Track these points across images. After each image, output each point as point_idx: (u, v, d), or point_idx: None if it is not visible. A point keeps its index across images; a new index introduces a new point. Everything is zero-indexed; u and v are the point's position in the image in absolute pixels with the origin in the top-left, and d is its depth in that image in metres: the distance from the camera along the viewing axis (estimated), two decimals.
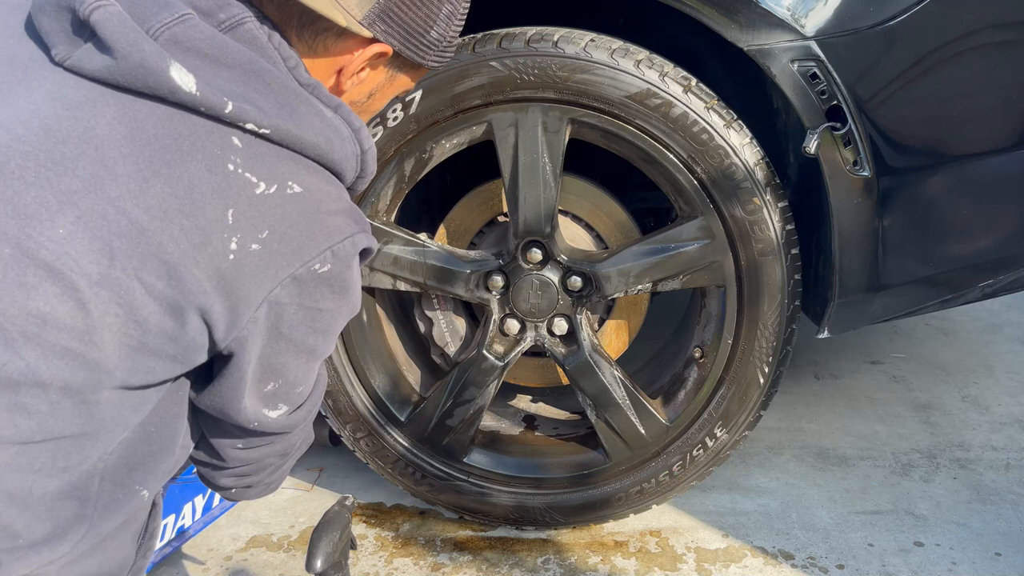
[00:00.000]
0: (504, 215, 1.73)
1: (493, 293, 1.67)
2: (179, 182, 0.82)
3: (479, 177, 1.74)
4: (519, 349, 1.70)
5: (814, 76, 1.43)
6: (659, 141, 1.52)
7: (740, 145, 1.51)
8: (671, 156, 1.53)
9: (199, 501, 1.68)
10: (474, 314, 1.80)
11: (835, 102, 1.43)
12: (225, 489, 1.14)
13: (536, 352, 1.78)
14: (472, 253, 1.67)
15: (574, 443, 1.84)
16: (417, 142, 1.56)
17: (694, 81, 1.49)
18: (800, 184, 1.63)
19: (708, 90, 1.50)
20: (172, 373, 0.91)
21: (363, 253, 0.98)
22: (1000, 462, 2.08)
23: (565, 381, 1.79)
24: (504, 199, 1.64)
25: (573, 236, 1.72)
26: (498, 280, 1.65)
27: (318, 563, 1.26)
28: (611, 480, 1.75)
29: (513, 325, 1.70)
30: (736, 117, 1.51)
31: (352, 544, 1.36)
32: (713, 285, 1.62)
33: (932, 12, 1.40)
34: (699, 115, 1.49)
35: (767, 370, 1.63)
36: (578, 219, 1.75)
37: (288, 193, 0.88)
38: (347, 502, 1.35)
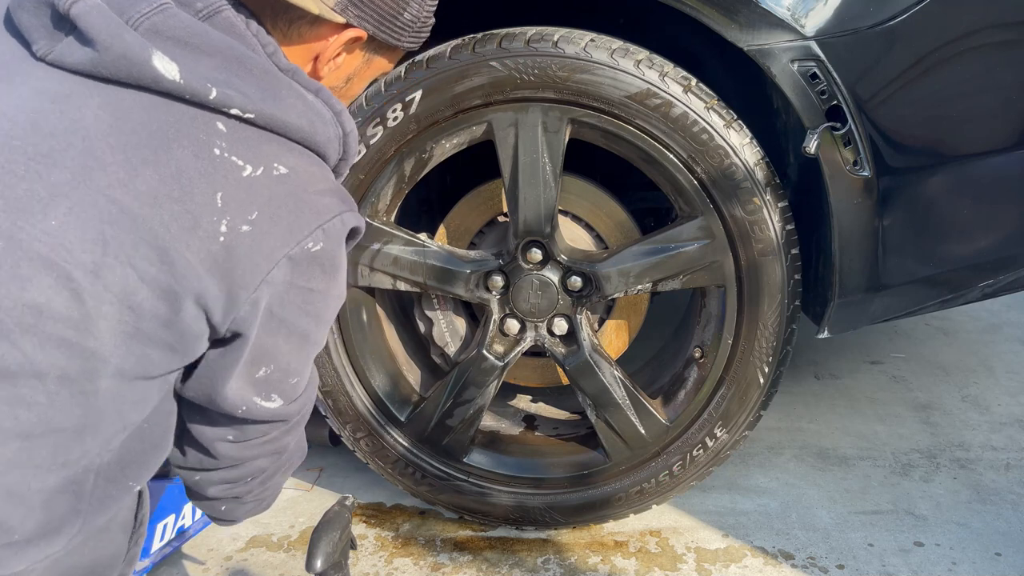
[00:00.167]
0: (504, 215, 1.73)
1: (493, 293, 1.67)
2: (167, 168, 0.84)
3: (479, 177, 1.74)
4: (519, 349, 1.70)
5: (814, 76, 1.43)
6: (659, 141, 1.52)
7: (740, 145, 1.51)
8: (671, 156, 1.53)
9: None
10: (474, 314, 1.80)
11: (835, 102, 1.43)
12: (215, 500, 1.13)
13: (536, 352, 1.78)
14: (472, 253, 1.67)
15: (574, 443, 1.84)
16: (417, 142, 1.56)
17: (694, 81, 1.49)
18: (800, 184, 1.63)
19: (708, 90, 1.50)
20: (171, 364, 0.91)
21: (351, 233, 0.99)
22: (1000, 462, 2.08)
23: (565, 381, 1.79)
24: (504, 199, 1.64)
25: (573, 236, 1.72)
26: (498, 280, 1.65)
27: (318, 563, 1.26)
28: (611, 480, 1.75)
29: (513, 325, 1.70)
30: (736, 117, 1.51)
31: (352, 544, 1.36)
32: (713, 285, 1.62)
33: (932, 12, 1.40)
34: (699, 115, 1.49)
35: (767, 370, 1.63)
36: (578, 219, 1.75)
37: (275, 174, 0.89)
38: (347, 502, 1.35)
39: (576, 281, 1.65)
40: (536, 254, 1.64)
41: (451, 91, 1.51)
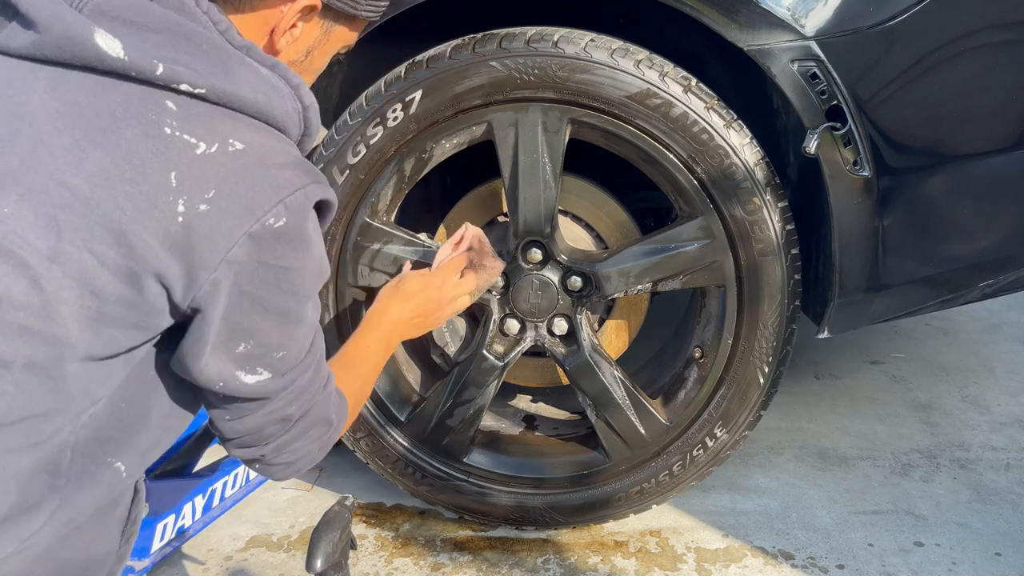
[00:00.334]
0: (504, 215, 1.73)
1: (493, 293, 1.67)
2: (117, 149, 0.83)
3: (479, 177, 1.74)
4: (519, 349, 1.70)
5: (814, 76, 1.43)
6: (659, 141, 1.52)
7: (740, 145, 1.51)
8: (671, 156, 1.53)
9: (199, 501, 1.68)
10: (474, 314, 1.80)
11: (835, 102, 1.44)
12: (256, 463, 1.07)
13: (536, 352, 1.78)
14: None
15: (574, 443, 1.84)
16: (417, 142, 1.56)
17: (694, 81, 1.49)
18: (800, 184, 1.63)
19: (708, 90, 1.50)
20: (136, 340, 0.90)
21: (322, 206, 0.96)
22: (1000, 462, 2.08)
23: (565, 381, 1.79)
24: (504, 199, 1.64)
25: (573, 236, 1.72)
26: (498, 280, 1.65)
27: (318, 563, 1.26)
28: (611, 480, 1.75)
29: (513, 325, 1.70)
30: (736, 117, 1.51)
31: (352, 544, 1.36)
32: (713, 285, 1.62)
33: (932, 12, 1.40)
34: (699, 115, 1.49)
35: (767, 370, 1.63)
36: (578, 219, 1.75)
37: (230, 151, 0.87)
38: (347, 502, 1.35)
39: (576, 281, 1.65)
40: (536, 254, 1.64)
41: (451, 91, 1.51)
